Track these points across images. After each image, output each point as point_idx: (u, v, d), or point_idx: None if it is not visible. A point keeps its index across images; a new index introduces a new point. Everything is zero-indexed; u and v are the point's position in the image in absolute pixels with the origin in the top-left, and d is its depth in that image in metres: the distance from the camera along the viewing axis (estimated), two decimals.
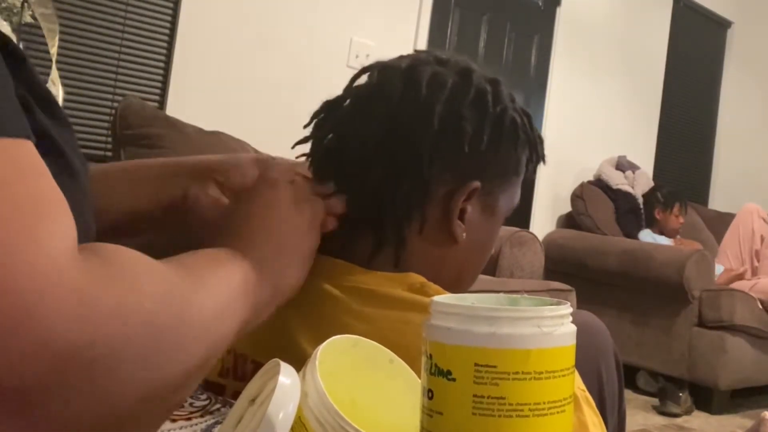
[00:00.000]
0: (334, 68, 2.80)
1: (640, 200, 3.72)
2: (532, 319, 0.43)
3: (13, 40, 0.41)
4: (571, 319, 0.45)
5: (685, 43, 4.47)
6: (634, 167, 3.83)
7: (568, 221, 3.68)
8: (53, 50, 1.95)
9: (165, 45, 2.49)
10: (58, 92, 1.93)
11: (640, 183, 3.77)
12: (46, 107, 0.41)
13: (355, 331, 0.55)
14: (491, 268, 2.40)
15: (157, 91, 2.49)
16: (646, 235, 3.53)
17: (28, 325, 0.29)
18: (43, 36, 1.96)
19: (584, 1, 3.84)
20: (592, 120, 3.94)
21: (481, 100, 0.69)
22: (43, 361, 0.29)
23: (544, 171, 3.60)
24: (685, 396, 2.87)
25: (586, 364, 0.79)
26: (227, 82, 2.59)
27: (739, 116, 4.81)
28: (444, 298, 0.49)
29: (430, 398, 0.45)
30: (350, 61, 2.90)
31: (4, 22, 1.90)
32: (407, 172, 0.67)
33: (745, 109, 4.83)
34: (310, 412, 0.45)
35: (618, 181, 3.69)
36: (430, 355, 0.45)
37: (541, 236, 3.06)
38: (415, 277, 0.66)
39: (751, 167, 4.77)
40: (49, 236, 0.31)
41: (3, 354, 0.28)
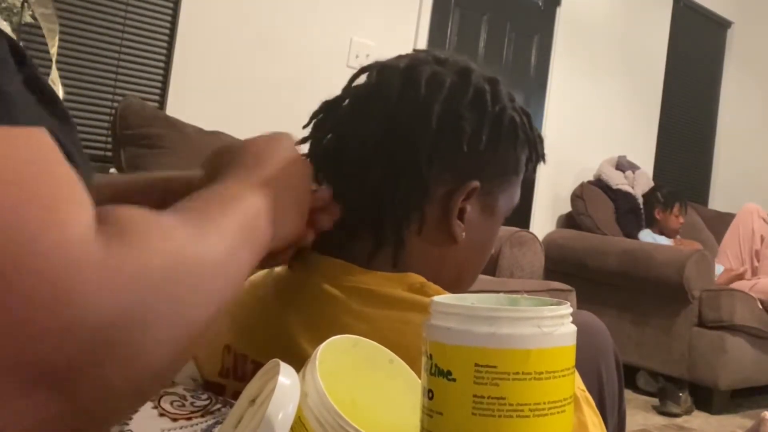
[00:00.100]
0: (334, 68, 2.80)
1: (640, 200, 3.71)
2: (532, 319, 0.43)
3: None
4: (571, 319, 0.45)
5: (685, 43, 4.47)
6: (634, 167, 3.82)
7: (568, 221, 3.68)
8: (53, 50, 1.95)
9: (165, 45, 2.49)
10: (58, 92, 1.93)
11: (640, 183, 3.76)
12: (49, 105, 0.41)
13: (355, 331, 0.55)
14: (491, 268, 2.40)
15: (157, 91, 2.49)
16: (646, 235, 3.53)
17: (66, 302, 0.30)
18: (43, 36, 1.97)
19: (584, 1, 3.84)
20: (592, 120, 3.94)
21: (480, 99, 0.69)
22: (83, 336, 0.31)
23: (544, 171, 3.60)
24: (685, 396, 2.87)
25: (586, 364, 0.79)
26: (227, 82, 2.59)
27: (739, 116, 4.81)
28: (444, 298, 0.49)
29: (431, 398, 0.45)
30: (350, 61, 2.90)
31: (4, 22, 1.90)
32: (406, 172, 0.67)
33: (745, 109, 4.83)
34: (310, 412, 0.45)
35: (618, 181, 3.69)
36: (430, 355, 0.45)
37: (541, 236, 3.06)
38: (415, 277, 0.66)
39: (751, 167, 4.77)
40: (71, 217, 0.32)
41: (45, 334, 0.30)
